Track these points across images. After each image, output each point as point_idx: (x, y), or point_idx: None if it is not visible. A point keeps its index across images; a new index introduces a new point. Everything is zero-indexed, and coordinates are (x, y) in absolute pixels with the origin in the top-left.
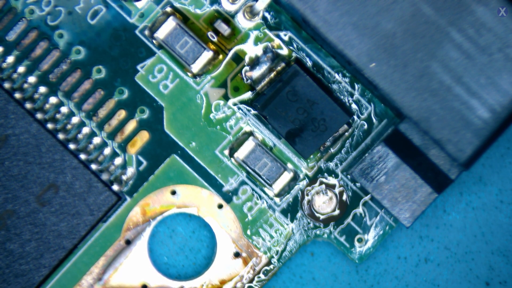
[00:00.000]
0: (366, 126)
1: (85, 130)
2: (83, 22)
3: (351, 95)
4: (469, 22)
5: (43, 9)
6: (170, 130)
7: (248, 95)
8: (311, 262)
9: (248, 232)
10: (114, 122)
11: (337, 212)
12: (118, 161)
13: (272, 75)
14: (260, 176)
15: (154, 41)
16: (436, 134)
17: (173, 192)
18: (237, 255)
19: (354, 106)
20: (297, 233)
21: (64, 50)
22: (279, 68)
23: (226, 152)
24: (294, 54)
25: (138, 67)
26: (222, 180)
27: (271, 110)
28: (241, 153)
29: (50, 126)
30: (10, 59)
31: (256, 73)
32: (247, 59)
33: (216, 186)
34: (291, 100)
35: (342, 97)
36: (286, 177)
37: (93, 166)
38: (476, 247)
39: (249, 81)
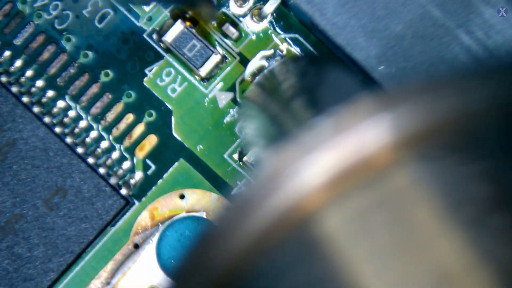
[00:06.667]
0: None
1: (93, 134)
2: (90, 25)
3: None
4: (477, 24)
5: (51, 13)
6: (178, 133)
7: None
8: None
9: None
10: (122, 125)
11: None
12: (126, 165)
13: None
14: None
15: (162, 45)
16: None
17: (182, 196)
18: None
19: None
20: None
21: (72, 54)
22: None
23: (235, 156)
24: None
25: (146, 70)
26: (230, 183)
27: None
28: (250, 157)
29: (58, 130)
30: (18, 63)
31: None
32: (255, 63)
33: (225, 190)
34: None
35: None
36: None
37: (101, 170)
38: None
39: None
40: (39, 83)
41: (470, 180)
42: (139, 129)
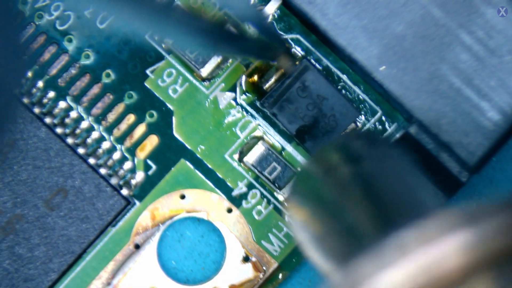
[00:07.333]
0: (375, 130)
1: (94, 134)
2: (92, 26)
3: (361, 99)
4: (478, 24)
5: (52, 14)
6: (179, 134)
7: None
8: None
9: (258, 236)
10: (123, 126)
11: None
12: (127, 165)
13: (279, 73)
14: (269, 180)
15: (163, 45)
16: (446, 137)
17: (183, 197)
18: (246, 259)
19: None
20: None
21: (73, 55)
22: None
23: (236, 156)
24: (300, 54)
25: (148, 71)
26: (231, 184)
27: (281, 107)
28: (250, 158)
29: (59, 130)
30: None
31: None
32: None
33: (226, 191)
34: (301, 96)
35: (350, 96)
36: None
37: (102, 171)
38: None
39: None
40: (40, 84)
41: None
42: (140, 129)
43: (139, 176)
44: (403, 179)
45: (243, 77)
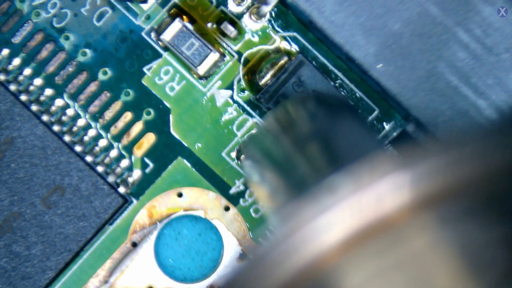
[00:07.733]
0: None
1: (91, 132)
2: (89, 24)
3: (358, 97)
4: (476, 22)
5: (49, 11)
6: (177, 132)
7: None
8: None
9: (255, 234)
10: (120, 124)
11: None
12: (124, 163)
13: (274, 68)
14: None
15: (160, 43)
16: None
17: (180, 195)
18: (243, 257)
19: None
20: None
21: (70, 52)
22: (282, 61)
23: (233, 154)
24: (297, 50)
25: (144, 69)
26: (228, 182)
27: (277, 102)
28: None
29: (56, 128)
30: (16, 61)
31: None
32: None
33: (223, 189)
34: (297, 91)
35: (347, 94)
36: None
37: (99, 169)
38: None
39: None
40: (38, 81)
41: (492, 245)
42: (137, 127)
43: (136, 174)
44: (353, 134)
45: (240, 74)
